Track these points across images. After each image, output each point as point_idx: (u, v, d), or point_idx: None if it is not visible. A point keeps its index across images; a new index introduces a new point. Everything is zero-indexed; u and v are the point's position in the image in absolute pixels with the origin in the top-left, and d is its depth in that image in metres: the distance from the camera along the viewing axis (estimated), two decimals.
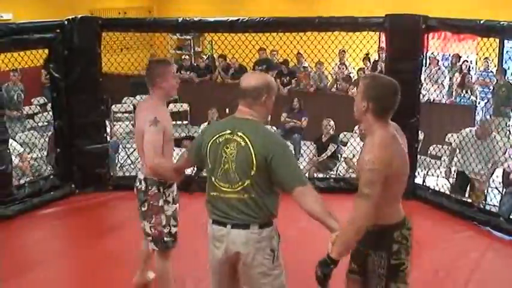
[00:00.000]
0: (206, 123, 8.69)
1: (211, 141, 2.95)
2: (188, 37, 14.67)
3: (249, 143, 2.85)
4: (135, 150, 8.84)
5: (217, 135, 2.94)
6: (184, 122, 11.23)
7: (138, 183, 3.72)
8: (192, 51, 14.77)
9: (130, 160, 8.98)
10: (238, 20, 6.05)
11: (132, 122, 10.23)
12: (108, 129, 6.65)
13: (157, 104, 3.64)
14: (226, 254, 2.98)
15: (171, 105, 11.31)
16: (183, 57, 13.19)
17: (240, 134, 2.89)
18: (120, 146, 8.62)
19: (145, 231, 3.77)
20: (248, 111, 2.95)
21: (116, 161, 8.21)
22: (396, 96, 2.80)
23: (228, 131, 2.92)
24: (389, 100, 2.79)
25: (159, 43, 8.56)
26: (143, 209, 3.72)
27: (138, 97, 11.28)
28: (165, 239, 3.75)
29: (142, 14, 14.32)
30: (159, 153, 3.50)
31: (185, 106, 11.32)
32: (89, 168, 6.20)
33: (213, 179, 2.96)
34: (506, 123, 9.48)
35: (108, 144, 6.54)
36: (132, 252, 4.76)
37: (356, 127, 7.84)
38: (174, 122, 11.35)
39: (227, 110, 10.34)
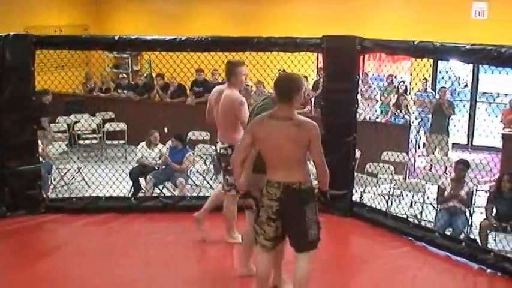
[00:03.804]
0: (144, 143, 8.54)
1: None
2: (125, 55, 14.48)
3: None
4: (68, 171, 8.72)
5: None
6: (121, 142, 11.03)
7: (223, 150, 5.05)
8: (130, 69, 14.58)
9: (64, 181, 8.72)
10: (176, 38, 6.00)
11: (66, 143, 9.98)
12: (40, 150, 6.43)
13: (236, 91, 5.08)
14: None
15: (107, 125, 11.08)
16: (120, 75, 12.98)
17: None
18: (54, 166, 8.36)
19: (229, 183, 5.00)
20: None
21: (49, 182, 7.96)
22: (278, 87, 3.76)
23: None
24: (276, 89, 3.79)
25: (95, 61, 8.39)
26: (230, 167, 4.71)
27: (72, 116, 11.00)
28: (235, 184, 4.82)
29: (79, 32, 14.03)
30: None
31: (122, 125, 11.09)
32: (21, 190, 5.97)
33: None
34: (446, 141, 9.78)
35: (40, 164, 6.32)
36: (65, 276, 4.62)
37: None
38: (109, 142, 11.16)
39: (165, 129, 10.26)
